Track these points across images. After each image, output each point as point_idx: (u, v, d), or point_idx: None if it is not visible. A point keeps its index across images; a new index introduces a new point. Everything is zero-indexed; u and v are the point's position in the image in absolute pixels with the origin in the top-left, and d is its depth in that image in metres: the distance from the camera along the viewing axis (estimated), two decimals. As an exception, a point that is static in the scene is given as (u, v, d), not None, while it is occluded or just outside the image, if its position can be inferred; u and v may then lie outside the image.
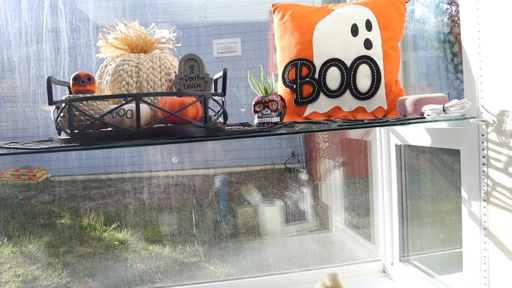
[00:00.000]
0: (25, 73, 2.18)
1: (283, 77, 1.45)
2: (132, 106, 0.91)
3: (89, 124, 0.91)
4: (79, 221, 3.63)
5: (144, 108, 0.94)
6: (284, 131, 1.02)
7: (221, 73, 1.15)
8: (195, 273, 2.68)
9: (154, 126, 0.91)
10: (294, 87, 1.42)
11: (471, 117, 1.11)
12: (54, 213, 3.75)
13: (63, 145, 0.89)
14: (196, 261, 2.76)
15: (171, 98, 0.97)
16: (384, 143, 1.75)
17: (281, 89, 1.45)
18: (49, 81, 0.99)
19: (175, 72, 1.14)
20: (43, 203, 3.87)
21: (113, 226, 3.55)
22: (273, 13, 1.54)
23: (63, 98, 1.01)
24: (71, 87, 1.02)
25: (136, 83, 1.08)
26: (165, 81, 1.11)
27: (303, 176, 2.73)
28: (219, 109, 1.06)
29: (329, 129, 1.04)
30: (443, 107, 1.06)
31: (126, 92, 1.07)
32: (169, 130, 0.93)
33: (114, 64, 1.10)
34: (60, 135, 1.03)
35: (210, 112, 1.04)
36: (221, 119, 1.09)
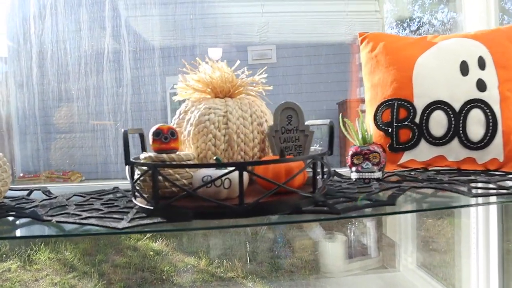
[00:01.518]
0: (83, 107, 2.05)
1: (374, 118, 1.26)
2: (231, 174, 0.74)
3: (179, 196, 0.74)
4: (114, 229, 3.55)
5: (244, 176, 0.76)
6: (409, 207, 0.83)
7: (320, 121, 0.98)
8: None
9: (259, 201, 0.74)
10: (389, 131, 1.23)
11: None
12: (88, 218, 3.69)
13: (147, 222, 0.73)
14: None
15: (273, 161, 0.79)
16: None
17: (371, 131, 1.27)
18: (126, 136, 0.83)
19: (266, 120, 0.97)
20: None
21: (148, 235, 3.46)
22: (361, 44, 1.36)
23: (143, 157, 0.85)
24: (151, 143, 0.85)
25: (225, 136, 0.91)
26: (257, 133, 0.94)
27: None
28: (325, 170, 0.88)
29: (459, 206, 0.85)
30: None
31: (213, 147, 0.91)
32: (275, 205, 0.76)
33: (198, 112, 0.93)
34: (135, 198, 0.87)
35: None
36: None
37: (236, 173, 0.73)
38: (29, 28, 1.98)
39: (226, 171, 0.74)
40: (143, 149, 1.03)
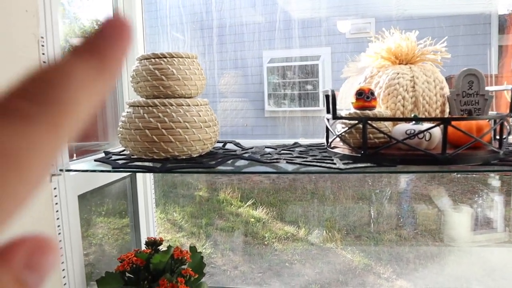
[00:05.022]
0: (257, 76, 2.28)
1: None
2: (432, 128, 0.89)
3: (389, 145, 0.90)
4: (215, 195, 3.80)
5: (439, 131, 0.90)
6: None
7: (499, 87, 1.08)
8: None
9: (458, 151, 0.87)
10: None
11: None
12: (192, 184, 3.96)
13: (361, 165, 0.90)
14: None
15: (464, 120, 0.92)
16: None
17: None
18: (334, 94, 1.00)
19: (444, 85, 1.09)
20: (180, 174, 4.10)
21: (248, 203, 3.65)
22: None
23: (347, 113, 1.02)
24: (354, 101, 1.02)
25: (412, 98, 1.05)
26: (440, 96, 1.06)
27: (494, 182, 2.53)
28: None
29: None
30: None
31: (401, 107, 1.05)
32: (468, 156, 0.89)
33: (386, 77, 1.08)
34: (331, 148, 1.04)
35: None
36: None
37: (436, 128, 0.87)
38: (210, 4, 2.24)
39: (430, 125, 0.88)
40: (334, 108, 1.19)
